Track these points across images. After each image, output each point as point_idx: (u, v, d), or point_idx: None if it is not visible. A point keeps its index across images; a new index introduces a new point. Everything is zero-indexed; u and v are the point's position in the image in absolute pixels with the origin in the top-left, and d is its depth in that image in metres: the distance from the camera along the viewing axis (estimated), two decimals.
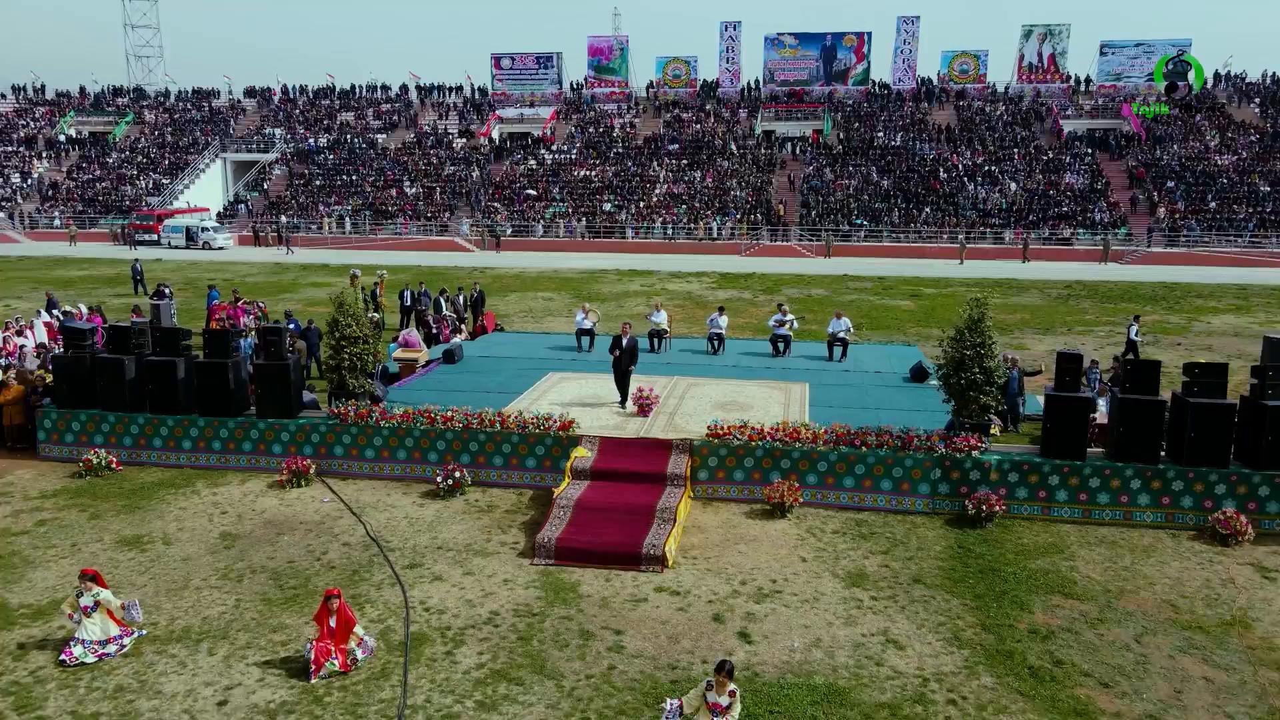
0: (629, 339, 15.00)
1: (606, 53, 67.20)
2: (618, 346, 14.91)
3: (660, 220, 52.63)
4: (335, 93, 71.24)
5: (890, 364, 18.57)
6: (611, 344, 15.07)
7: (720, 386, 16.33)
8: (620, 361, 14.87)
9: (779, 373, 17.62)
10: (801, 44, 64.74)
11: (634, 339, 15.27)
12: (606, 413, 14.65)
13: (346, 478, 13.84)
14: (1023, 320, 29.24)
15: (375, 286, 26.36)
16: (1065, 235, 48.64)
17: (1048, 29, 61.93)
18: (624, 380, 14.95)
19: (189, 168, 62.89)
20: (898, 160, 55.87)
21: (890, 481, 12.61)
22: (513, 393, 15.89)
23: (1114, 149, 55.29)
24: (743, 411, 14.57)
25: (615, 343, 14.99)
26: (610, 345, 15.12)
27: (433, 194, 57.53)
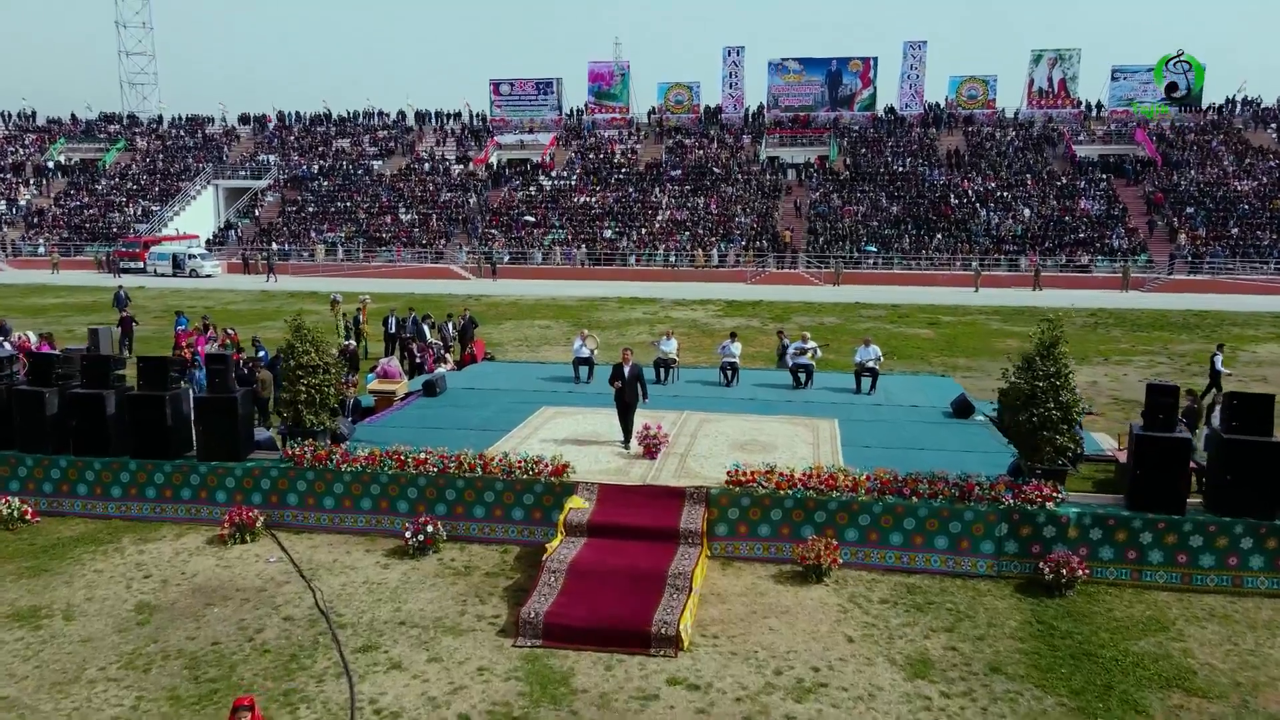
0: (631, 367, 13.05)
1: (607, 78, 65.99)
2: (618, 377, 12.95)
3: (663, 247, 50.89)
4: (331, 120, 69.93)
5: (926, 397, 16.55)
6: (611, 374, 13.13)
7: (737, 423, 14.30)
8: (622, 394, 12.90)
9: (802, 407, 15.59)
10: (806, 69, 63.51)
11: (637, 367, 13.32)
12: (607, 454, 12.61)
13: (301, 531, 11.76)
14: None
15: (358, 313, 24.46)
16: (1083, 262, 46.83)
17: (1058, 54, 60.70)
18: (627, 415, 12.97)
19: (179, 194, 61.39)
20: (907, 186, 54.28)
21: (946, 538, 10.53)
22: (499, 430, 13.85)
23: (1130, 174, 53.69)
24: (766, 453, 12.52)
25: (615, 372, 13.03)
26: (610, 375, 13.17)
27: (428, 221, 55.90)
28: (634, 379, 13.00)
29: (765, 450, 12.71)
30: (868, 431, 13.91)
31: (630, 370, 12.99)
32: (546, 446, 12.68)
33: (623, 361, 13.12)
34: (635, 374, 13.06)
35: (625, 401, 12.94)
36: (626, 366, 13.01)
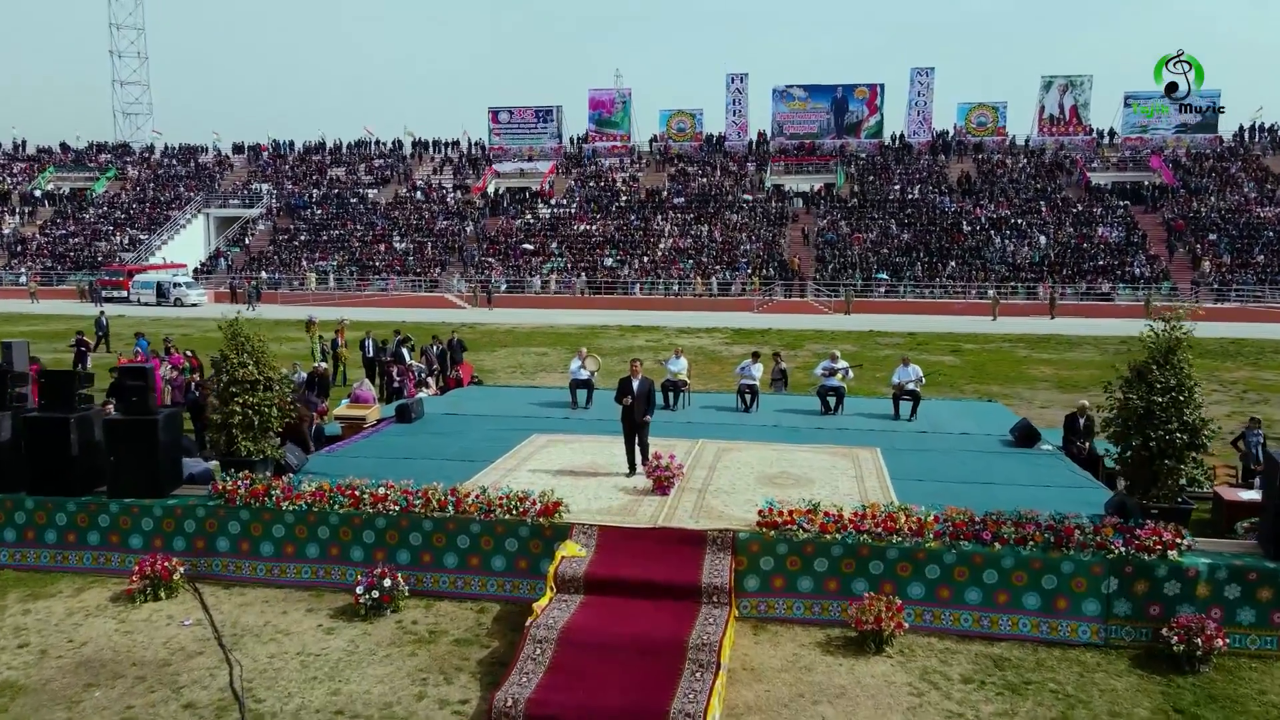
0: (641, 381, 10.96)
1: (608, 106, 64.66)
2: (627, 392, 10.88)
3: (664, 276, 49.05)
4: (327, 148, 68.54)
5: (975, 423, 14.39)
6: (619, 389, 11.08)
7: (762, 452, 12.13)
8: (632, 412, 10.79)
9: (835, 434, 13.43)
10: (811, 96, 62.20)
11: (649, 382, 11.25)
12: (609, 487, 10.43)
13: (232, 584, 9.55)
14: (1092, 377, 25.11)
15: (335, 335, 22.39)
16: (1104, 290, 44.92)
17: (1069, 80, 59.41)
18: (638, 437, 10.89)
19: (168, 223, 59.74)
20: (917, 213, 52.58)
21: (1038, 596, 8.32)
22: (480, 460, 11.67)
23: (1148, 201, 51.99)
24: (801, 487, 10.35)
25: (623, 387, 10.97)
26: (617, 391, 11.11)
27: (424, 249, 54.15)
28: (645, 396, 10.92)
29: (800, 484, 10.54)
30: (918, 462, 11.73)
31: (640, 385, 10.91)
32: (536, 479, 10.53)
33: (631, 374, 11.05)
34: (646, 390, 11.00)
35: (634, 422, 10.85)
36: (635, 380, 10.94)
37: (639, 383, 10.94)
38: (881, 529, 8.57)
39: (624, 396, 10.89)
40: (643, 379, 11.05)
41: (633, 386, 10.90)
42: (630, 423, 10.88)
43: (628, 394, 10.86)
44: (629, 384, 10.93)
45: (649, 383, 11.20)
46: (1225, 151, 56.13)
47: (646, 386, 11.03)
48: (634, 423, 10.85)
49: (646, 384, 11.06)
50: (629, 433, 10.94)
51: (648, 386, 11.07)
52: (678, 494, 10.17)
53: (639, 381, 10.96)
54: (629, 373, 11.18)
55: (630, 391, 10.85)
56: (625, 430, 10.99)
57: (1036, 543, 8.34)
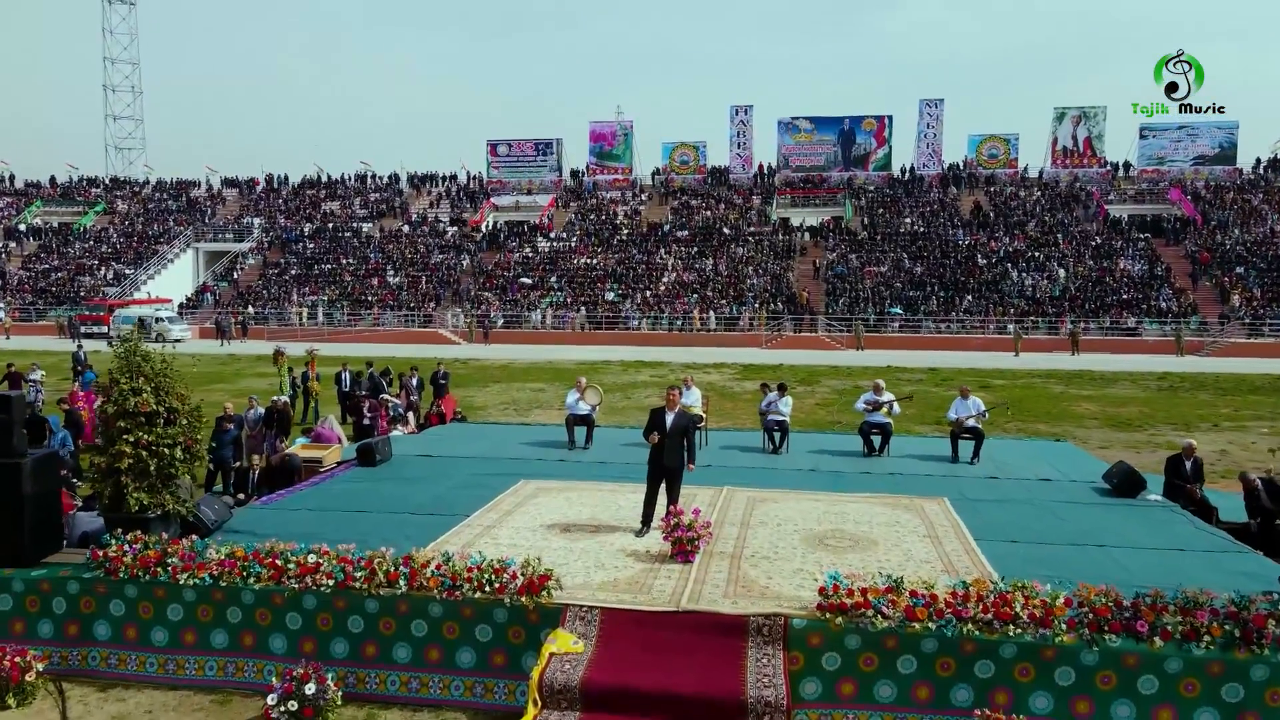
0: (678, 416, 8.76)
1: (609, 138, 63.17)
2: (658, 427, 8.61)
3: (668, 310, 46.97)
4: (321, 182, 66.94)
5: (1051, 466, 12.04)
6: (648, 423, 8.83)
7: (804, 503, 9.79)
8: (661, 453, 8.48)
9: (888, 480, 11.08)
10: (818, 128, 60.70)
11: (687, 417, 9.02)
12: (615, 551, 8.09)
13: (113, 683, 7.16)
14: (1143, 414, 22.83)
15: (306, 368, 20.13)
16: (1130, 325, 42.78)
17: (1082, 111, 57.93)
18: (667, 488, 8.62)
19: (156, 257, 57.84)
20: (929, 246, 50.67)
21: (1216, 714, 5.93)
22: (453, 514, 9.32)
23: (1169, 234, 50.09)
24: (863, 551, 8.01)
25: (654, 420, 8.73)
26: (647, 425, 8.85)
27: (418, 283, 52.15)
28: (681, 433, 8.63)
29: (860, 546, 8.18)
30: (1001, 517, 9.36)
31: (676, 421, 8.62)
32: (520, 540, 8.19)
33: (665, 405, 8.75)
34: (683, 427, 8.73)
35: (664, 466, 8.53)
36: (670, 413, 8.64)
37: (674, 417, 8.61)
38: (992, 615, 6.21)
39: (653, 431, 8.58)
40: (679, 413, 8.74)
41: (666, 421, 8.58)
42: (659, 467, 8.52)
43: (659, 429, 8.54)
44: (661, 417, 8.63)
45: (687, 418, 8.88)
46: (1245, 183, 54.42)
47: (684, 422, 8.73)
48: (663, 468, 8.50)
49: (684, 420, 8.74)
50: (654, 480, 8.60)
51: (685, 422, 8.77)
52: (704, 560, 7.82)
53: (674, 416, 8.62)
54: (663, 403, 8.84)
55: (662, 427, 8.51)
56: (650, 476, 8.64)
57: (1214, 636, 5.98)
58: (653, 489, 8.68)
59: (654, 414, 8.79)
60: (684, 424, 8.80)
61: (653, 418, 8.77)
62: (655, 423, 8.68)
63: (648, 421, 8.83)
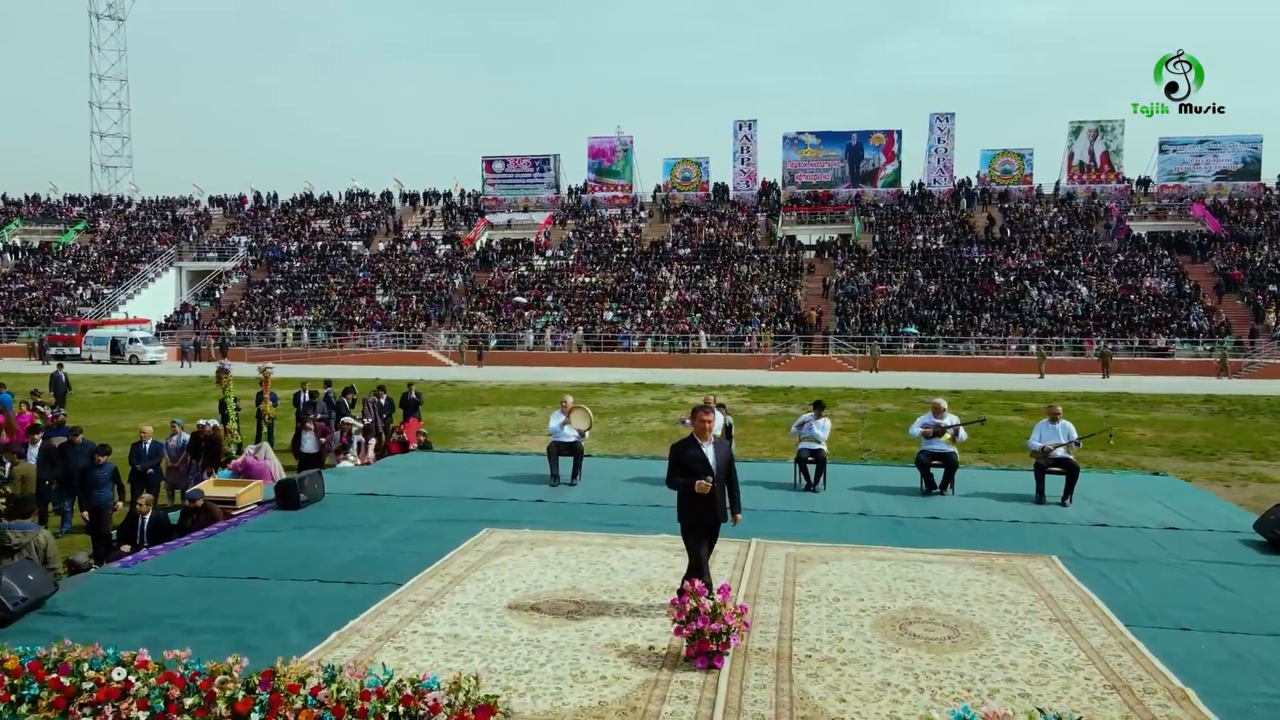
0: (718, 446, 6.24)
1: (609, 154, 61.08)
2: (696, 467, 6.10)
3: (669, 330, 44.59)
4: (312, 200, 64.84)
5: (1170, 509, 9.51)
6: (674, 461, 6.25)
7: (861, 562, 7.28)
8: (709, 505, 6.03)
9: (965, 530, 8.56)
10: (824, 143, 58.59)
11: (726, 447, 6.42)
12: (601, 648, 5.55)
13: None
14: (1207, 440, 20.30)
15: (260, 388, 17.65)
16: (1161, 345, 40.34)
17: (1099, 125, 55.85)
18: (708, 543, 6.17)
19: (136, 276, 55.56)
20: (944, 263, 48.37)
21: None
22: (382, 582, 6.78)
23: (1194, 250, 47.80)
24: (971, 645, 5.50)
25: (686, 459, 6.18)
26: (672, 464, 6.25)
27: (408, 303, 49.81)
28: (725, 472, 6.13)
29: (963, 637, 5.67)
30: (1141, 585, 6.82)
31: (718, 454, 6.16)
32: (466, 629, 5.65)
33: (696, 430, 6.20)
34: (726, 461, 6.21)
35: (713, 522, 6.09)
36: (707, 445, 6.13)
37: (714, 450, 6.09)
38: None
39: (691, 473, 5.99)
40: (718, 443, 6.21)
41: (707, 456, 6.03)
42: (704, 524, 5.99)
43: (698, 470, 5.97)
44: (696, 451, 6.04)
45: (728, 450, 6.33)
46: (1273, 199, 52.23)
47: (727, 455, 6.22)
48: (712, 524, 5.95)
49: (726, 452, 6.25)
50: (696, 544, 6.00)
51: (728, 455, 6.26)
52: (735, 664, 5.28)
53: (714, 448, 6.10)
54: (693, 427, 6.23)
55: (705, 465, 5.96)
56: (691, 541, 6.06)
57: None
58: (699, 558, 5.98)
59: (682, 450, 6.08)
60: (728, 457, 6.21)
61: (681, 456, 6.05)
62: (689, 461, 5.96)
63: (673, 461, 6.09)
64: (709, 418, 6.15)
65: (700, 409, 6.18)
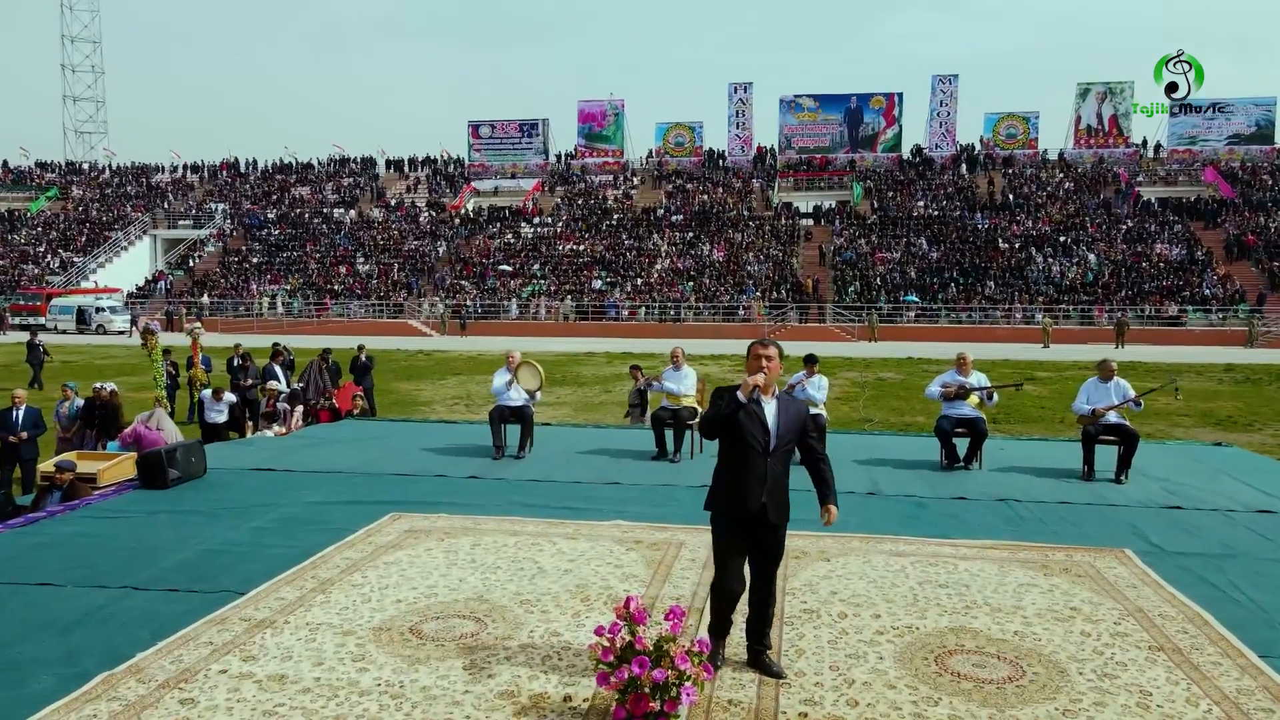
0: (784, 402, 4.13)
1: (599, 119, 58.84)
2: (744, 425, 4.00)
3: (660, 298, 42.72)
4: (292, 167, 62.55)
5: (1250, 486, 7.73)
6: (714, 402, 4.12)
7: (875, 559, 5.47)
8: (757, 490, 3.92)
9: (1005, 514, 6.77)
10: (822, 107, 56.39)
11: (799, 407, 4.20)
12: (492, 699, 3.75)
13: None
14: (1241, 410, 18.58)
15: (191, 353, 15.87)
16: (1173, 314, 38.59)
17: (1107, 88, 53.70)
18: (758, 563, 4.09)
19: (107, 244, 53.44)
20: (945, 229, 46.43)
21: None
22: (219, 590, 4.98)
23: (1208, 216, 45.89)
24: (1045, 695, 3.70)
25: (728, 405, 4.02)
26: (717, 419, 4.04)
27: (389, 271, 47.83)
28: (794, 443, 4.11)
29: (1032, 681, 3.87)
30: (1252, 590, 5.03)
31: (784, 411, 4.07)
32: (300, 668, 3.88)
33: (758, 381, 4.01)
34: (797, 428, 4.09)
35: (763, 523, 3.99)
36: (769, 404, 4.08)
37: (780, 408, 4.10)
38: None
39: (737, 437, 4.00)
40: (784, 399, 4.17)
41: (766, 417, 4.04)
42: (750, 525, 4.01)
43: (749, 439, 3.98)
44: (754, 411, 4.02)
45: (804, 410, 4.25)
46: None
47: (801, 418, 4.16)
48: (762, 527, 4.01)
49: (800, 411, 4.20)
50: (727, 555, 4.07)
51: (803, 418, 4.18)
52: None
53: (778, 402, 4.11)
54: (752, 378, 4.02)
55: (761, 428, 4.00)
56: (721, 548, 4.11)
57: None
58: (728, 581, 4.01)
59: (724, 397, 4.00)
60: (800, 424, 4.08)
61: (725, 404, 3.96)
62: (737, 423, 3.94)
63: (714, 413, 4.01)
64: (768, 353, 4.01)
65: (757, 344, 4.06)
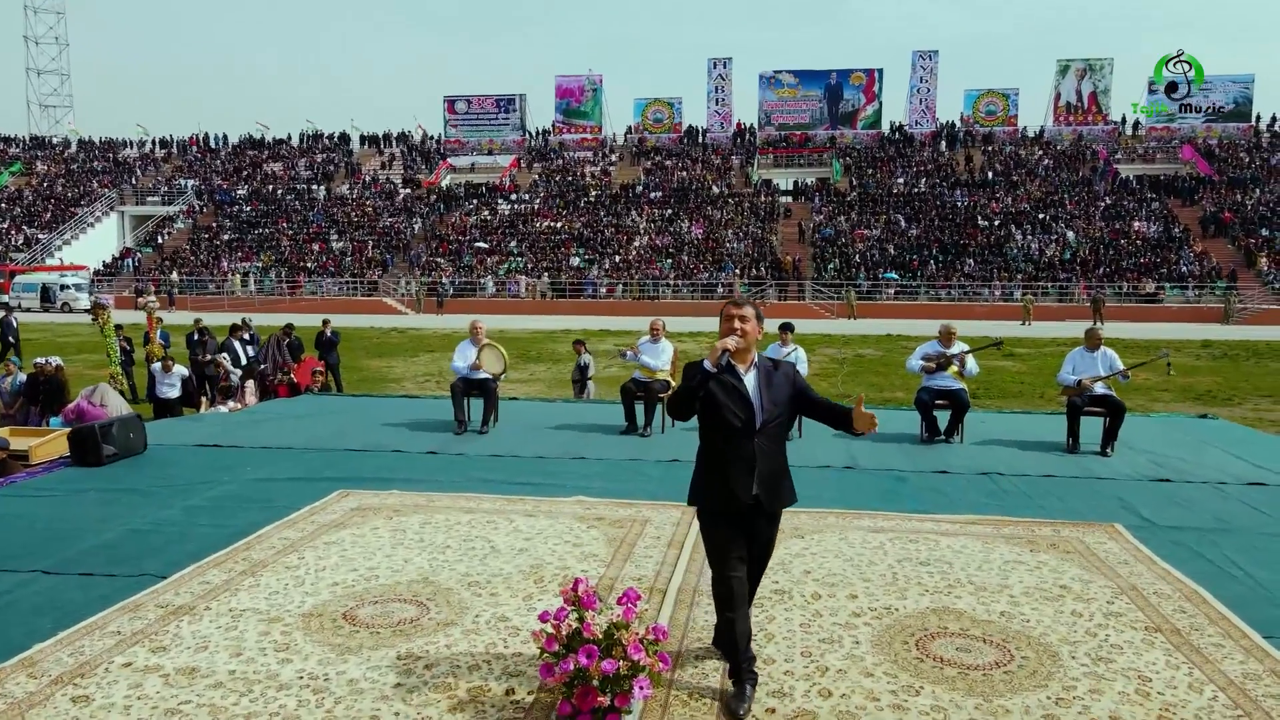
0: (770, 371, 3.53)
1: (577, 94, 58.04)
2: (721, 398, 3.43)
3: (639, 275, 42.28)
4: (264, 142, 61.29)
5: (1239, 458, 7.49)
6: (686, 377, 3.47)
7: (852, 535, 5.16)
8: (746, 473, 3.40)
9: (988, 487, 6.49)
10: (802, 83, 55.89)
11: (786, 375, 3.56)
12: (429, 686, 3.37)
13: None
14: (1220, 386, 18.50)
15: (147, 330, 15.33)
16: (1150, 291, 38.66)
17: (1087, 64, 53.56)
18: (754, 555, 3.54)
19: (73, 221, 52.19)
20: (925, 207, 46.24)
21: None
22: (140, 574, 4.58)
23: (1186, 193, 45.95)
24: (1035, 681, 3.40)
25: (693, 389, 3.40)
26: (684, 394, 3.44)
27: (364, 248, 47.03)
28: (792, 415, 3.64)
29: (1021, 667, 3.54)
30: (1253, 567, 4.75)
31: (768, 379, 3.50)
32: (214, 659, 3.50)
33: (729, 341, 3.40)
34: (785, 396, 3.54)
35: (755, 511, 3.46)
36: (749, 375, 3.48)
37: (760, 377, 3.47)
38: None
39: (714, 413, 3.41)
40: (766, 363, 3.55)
41: (746, 389, 3.41)
42: (739, 514, 3.42)
43: (728, 412, 3.38)
44: (729, 383, 3.41)
45: (793, 374, 3.58)
46: (1267, 142, 50.41)
47: (790, 384, 3.53)
48: (754, 516, 3.45)
49: (789, 377, 3.54)
50: (725, 555, 3.41)
51: (794, 384, 3.55)
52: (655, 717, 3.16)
53: (759, 372, 3.48)
54: (721, 342, 3.38)
55: (741, 402, 3.40)
56: (716, 548, 3.45)
57: None
58: (731, 587, 3.38)
59: (693, 372, 3.42)
60: (789, 392, 3.52)
61: (693, 376, 3.41)
62: (712, 394, 3.39)
63: (682, 388, 3.46)
64: (742, 313, 3.40)
65: (729, 304, 3.45)
